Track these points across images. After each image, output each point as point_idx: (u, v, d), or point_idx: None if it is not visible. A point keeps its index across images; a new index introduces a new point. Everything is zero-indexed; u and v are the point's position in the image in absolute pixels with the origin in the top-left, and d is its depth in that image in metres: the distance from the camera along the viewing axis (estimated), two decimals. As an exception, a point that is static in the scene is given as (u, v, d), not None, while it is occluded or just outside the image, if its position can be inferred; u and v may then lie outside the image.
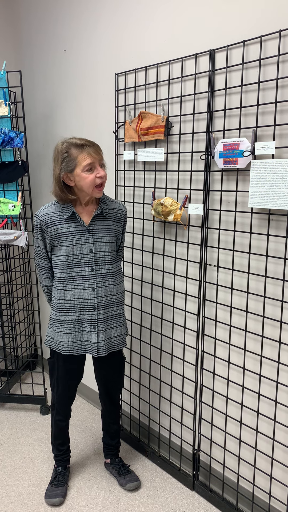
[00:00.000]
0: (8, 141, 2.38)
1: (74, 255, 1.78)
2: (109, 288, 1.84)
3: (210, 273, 1.91)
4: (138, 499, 2.01)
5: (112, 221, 1.85)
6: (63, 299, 1.82)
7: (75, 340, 1.84)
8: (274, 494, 1.80)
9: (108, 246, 1.82)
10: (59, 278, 1.82)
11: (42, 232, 1.80)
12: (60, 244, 1.78)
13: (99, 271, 1.81)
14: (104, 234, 1.81)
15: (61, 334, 1.84)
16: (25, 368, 3.22)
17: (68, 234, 1.77)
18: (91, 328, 1.82)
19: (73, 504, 1.99)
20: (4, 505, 1.98)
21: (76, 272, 1.79)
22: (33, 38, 2.81)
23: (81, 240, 1.78)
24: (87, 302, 1.81)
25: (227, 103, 1.72)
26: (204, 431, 2.05)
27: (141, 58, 2.07)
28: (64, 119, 2.67)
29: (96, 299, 1.81)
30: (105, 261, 1.82)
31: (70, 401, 2.01)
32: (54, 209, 1.79)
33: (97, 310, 1.82)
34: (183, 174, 1.95)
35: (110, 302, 1.85)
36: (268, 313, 1.70)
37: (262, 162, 1.54)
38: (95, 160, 1.68)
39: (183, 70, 1.86)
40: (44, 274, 1.89)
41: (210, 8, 1.73)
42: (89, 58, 2.39)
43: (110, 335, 1.87)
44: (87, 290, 1.80)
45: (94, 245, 1.79)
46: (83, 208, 1.80)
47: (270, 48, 1.54)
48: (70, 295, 1.81)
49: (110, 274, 1.84)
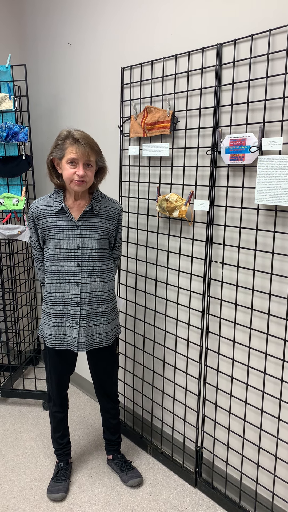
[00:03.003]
0: (13, 135, 2.36)
1: (61, 249, 1.80)
2: (94, 285, 1.84)
3: (215, 270, 1.89)
4: (140, 496, 2.01)
5: (103, 219, 1.84)
6: (49, 291, 1.85)
7: (58, 333, 1.86)
8: (277, 492, 1.80)
9: (96, 243, 1.82)
10: (46, 271, 1.85)
11: (34, 224, 1.84)
12: (49, 237, 1.81)
13: (85, 267, 1.82)
14: (92, 231, 1.81)
15: (47, 326, 1.88)
16: (28, 363, 3.22)
17: (56, 228, 1.79)
18: (73, 323, 1.84)
19: (75, 499, 1.99)
20: (6, 500, 1.99)
21: (62, 266, 1.81)
22: (38, 31, 2.79)
23: (68, 235, 1.79)
24: (71, 297, 1.82)
25: (234, 98, 1.69)
26: (207, 428, 2.05)
27: (147, 52, 2.05)
28: (69, 114, 2.66)
29: (79, 295, 1.82)
30: (92, 258, 1.82)
31: (64, 392, 2.03)
32: (46, 202, 1.82)
33: (80, 306, 1.82)
34: (189, 170, 1.93)
35: (94, 299, 1.85)
36: (273, 311, 1.69)
37: (269, 158, 1.53)
38: (79, 158, 1.69)
39: (190, 65, 1.84)
40: (39, 265, 1.93)
41: (218, 1, 1.70)
42: (94, 52, 2.37)
43: (92, 332, 1.86)
44: (72, 285, 1.82)
45: (82, 241, 1.80)
46: (74, 203, 1.81)
47: (278, 42, 1.52)
48: (55, 289, 1.83)
49: (97, 271, 1.84)
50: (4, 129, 2.35)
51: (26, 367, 3.20)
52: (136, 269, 2.27)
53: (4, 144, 2.44)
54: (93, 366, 2.02)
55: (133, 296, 2.35)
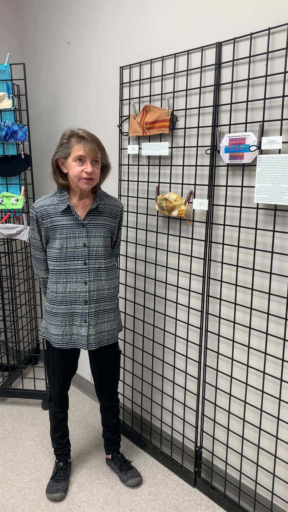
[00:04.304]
0: (11, 135, 2.36)
1: (68, 248, 1.79)
2: (101, 282, 1.85)
3: (214, 269, 1.89)
4: (139, 495, 2.01)
5: (107, 217, 1.85)
6: (55, 291, 1.84)
7: (65, 333, 1.85)
8: (276, 492, 1.79)
9: (102, 241, 1.83)
10: (52, 271, 1.84)
11: (37, 224, 1.82)
12: (54, 236, 1.80)
13: (92, 265, 1.82)
14: (98, 228, 1.82)
15: (52, 326, 1.87)
16: (27, 362, 3.22)
17: (62, 227, 1.79)
18: (81, 322, 1.83)
19: (74, 499, 1.99)
20: (5, 500, 1.98)
21: (69, 265, 1.81)
22: (37, 30, 2.78)
23: (75, 234, 1.79)
24: (78, 296, 1.82)
25: (233, 97, 1.69)
26: (206, 428, 2.04)
27: (146, 51, 2.04)
28: (68, 113, 2.65)
29: (87, 293, 1.82)
30: (99, 256, 1.83)
31: (65, 392, 2.03)
32: (50, 201, 1.81)
33: (89, 304, 1.82)
34: (188, 169, 1.92)
35: (101, 296, 1.85)
36: (272, 310, 1.69)
37: (268, 157, 1.52)
38: (87, 155, 1.69)
39: (189, 63, 1.83)
40: (40, 266, 1.91)
41: (217, 0, 1.70)
42: (93, 50, 2.36)
43: (101, 329, 1.87)
44: (79, 283, 1.81)
45: (88, 239, 1.80)
46: (78, 202, 1.81)
47: (278, 41, 1.52)
48: (62, 288, 1.82)
49: (103, 269, 1.84)
50: (3, 128, 2.34)
51: (25, 367, 3.19)
52: (135, 268, 2.27)
53: (3, 143, 2.43)
54: (95, 364, 2.02)
55: (132, 296, 2.35)
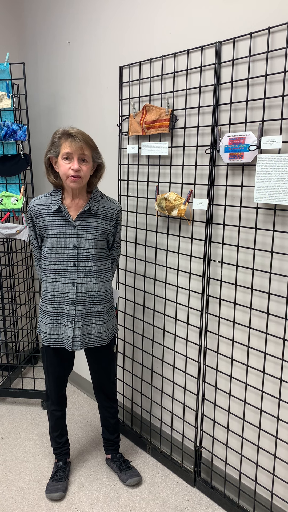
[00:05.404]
0: (11, 134, 2.35)
1: (58, 248, 1.80)
2: (90, 285, 1.83)
3: (214, 269, 1.89)
4: (139, 495, 2.01)
5: (100, 219, 1.83)
6: (45, 290, 1.86)
7: (53, 332, 1.86)
8: (276, 492, 1.79)
9: (93, 243, 1.81)
10: (43, 269, 1.86)
11: (32, 222, 1.84)
12: (46, 236, 1.82)
13: (81, 267, 1.81)
14: (90, 231, 1.80)
15: (42, 324, 1.88)
16: (27, 362, 3.22)
17: (53, 227, 1.79)
18: (68, 323, 1.84)
19: (73, 499, 1.98)
20: (5, 499, 1.98)
21: (58, 265, 1.81)
22: (36, 30, 2.78)
23: (65, 235, 1.79)
24: (66, 297, 1.82)
25: (233, 96, 1.69)
26: (206, 428, 2.04)
27: (146, 51, 2.04)
28: (68, 112, 2.65)
29: (75, 295, 1.82)
30: (89, 258, 1.82)
31: (61, 390, 2.03)
32: (44, 201, 1.82)
33: (75, 306, 1.82)
34: (188, 169, 1.92)
35: (90, 299, 1.84)
36: (272, 310, 1.68)
37: (268, 157, 1.52)
38: (74, 152, 1.69)
39: (189, 63, 1.83)
40: (37, 263, 1.95)
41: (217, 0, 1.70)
42: (93, 50, 2.36)
43: (87, 331, 1.86)
44: (67, 284, 1.81)
45: (78, 241, 1.79)
46: (71, 202, 1.81)
47: (277, 41, 1.51)
48: (51, 288, 1.83)
49: (93, 272, 1.83)
50: (3, 127, 2.34)
51: (24, 367, 3.19)
52: (135, 268, 2.26)
53: (2, 143, 2.43)
54: (91, 365, 2.02)
55: (132, 295, 2.34)
